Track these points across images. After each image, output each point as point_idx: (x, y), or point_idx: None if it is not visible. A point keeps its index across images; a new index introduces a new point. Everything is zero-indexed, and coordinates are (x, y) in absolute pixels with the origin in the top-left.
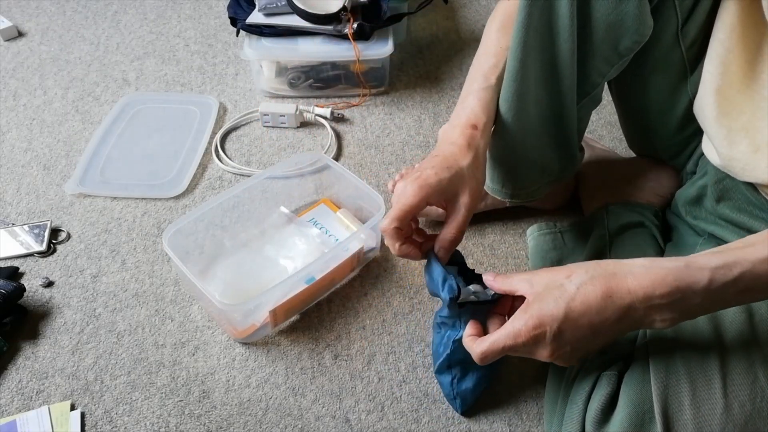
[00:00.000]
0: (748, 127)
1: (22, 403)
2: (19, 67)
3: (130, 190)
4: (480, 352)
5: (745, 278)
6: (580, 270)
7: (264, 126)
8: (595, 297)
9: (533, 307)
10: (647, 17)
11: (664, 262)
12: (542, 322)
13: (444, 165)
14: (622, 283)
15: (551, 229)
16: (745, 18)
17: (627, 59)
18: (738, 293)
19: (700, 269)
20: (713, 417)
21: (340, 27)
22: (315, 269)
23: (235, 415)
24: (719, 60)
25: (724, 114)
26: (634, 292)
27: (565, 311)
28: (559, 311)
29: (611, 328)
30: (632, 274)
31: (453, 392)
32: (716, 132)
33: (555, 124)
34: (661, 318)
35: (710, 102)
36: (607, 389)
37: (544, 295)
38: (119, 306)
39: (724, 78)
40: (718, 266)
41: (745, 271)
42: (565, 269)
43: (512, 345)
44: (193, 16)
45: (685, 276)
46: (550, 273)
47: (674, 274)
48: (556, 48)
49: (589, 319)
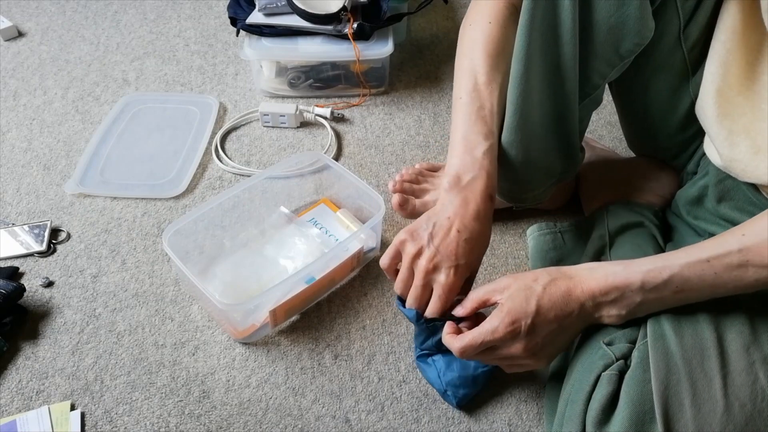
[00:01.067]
0: (749, 129)
1: (22, 403)
2: (19, 67)
3: (130, 190)
4: (460, 346)
5: (675, 280)
6: (543, 274)
7: (264, 126)
8: (559, 295)
9: (507, 306)
10: (649, 19)
11: (607, 265)
12: (517, 318)
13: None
14: (577, 283)
15: (551, 229)
16: (746, 20)
17: (628, 61)
18: (674, 293)
19: (633, 272)
20: (714, 417)
21: (340, 27)
22: (315, 269)
23: (235, 415)
24: (720, 61)
25: (725, 115)
26: (585, 291)
27: (536, 307)
28: (531, 307)
29: (573, 323)
30: (582, 275)
31: (442, 386)
32: (717, 133)
33: (558, 125)
34: (607, 314)
35: (711, 103)
36: (608, 389)
37: (515, 296)
38: (119, 306)
39: (724, 79)
40: (650, 269)
41: (674, 274)
42: (530, 274)
43: (491, 340)
44: (193, 16)
45: (621, 278)
46: (516, 277)
47: (612, 275)
48: (558, 50)
49: (556, 313)
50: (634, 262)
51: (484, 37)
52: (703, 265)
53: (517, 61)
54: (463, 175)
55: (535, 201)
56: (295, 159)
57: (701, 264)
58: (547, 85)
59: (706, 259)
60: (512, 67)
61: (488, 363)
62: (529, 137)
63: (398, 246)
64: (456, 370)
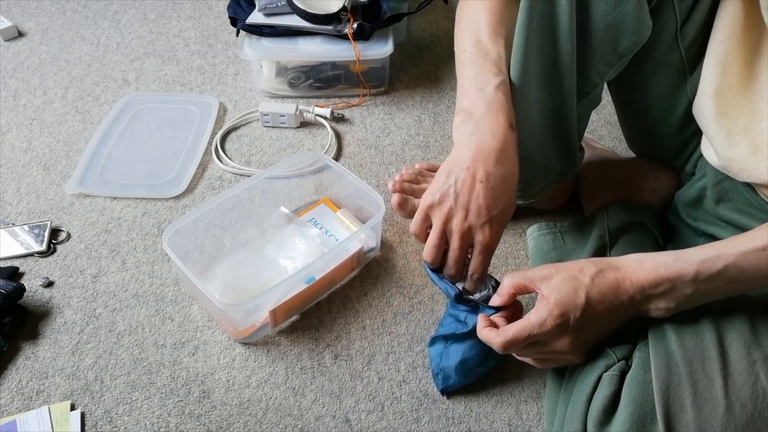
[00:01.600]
0: (747, 128)
1: (22, 403)
2: (19, 67)
3: (130, 190)
4: (503, 341)
5: (730, 270)
6: (589, 264)
7: (264, 126)
8: (608, 287)
9: (555, 298)
10: (646, 17)
11: (657, 256)
12: (566, 310)
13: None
14: (626, 275)
15: (551, 229)
16: (744, 19)
17: (626, 60)
18: (727, 284)
19: (687, 262)
20: (715, 417)
21: (340, 27)
22: (315, 269)
23: (235, 415)
24: (718, 60)
25: (723, 115)
26: (635, 283)
27: (585, 299)
28: (581, 300)
29: (620, 315)
30: (631, 267)
31: (438, 367)
32: (715, 133)
33: (556, 124)
34: (655, 307)
35: (709, 103)
36: (609, 390)
37: (562, 287)
38: (119, 306)
39: (723, 79)
40: (704, 259)
41: (729, 264)
42: (574, 264)
43: (538, 333)
44: (193, 16)
45: (674, 269)
46: (559, 268)
47: (663, 267)
48: (556, 49)
49: (605, 306)
50: (685, 253)
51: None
52: (759, 254)
53: (515, 59)
54: (476, 110)
55: (530, 198)
56: (295, 159)
57: (757, 253)
58: (545, 83)
59: (762, 248)
60: (511, 66)
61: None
62: (527, 136)
63: (426, 210)
64: (455, 359)
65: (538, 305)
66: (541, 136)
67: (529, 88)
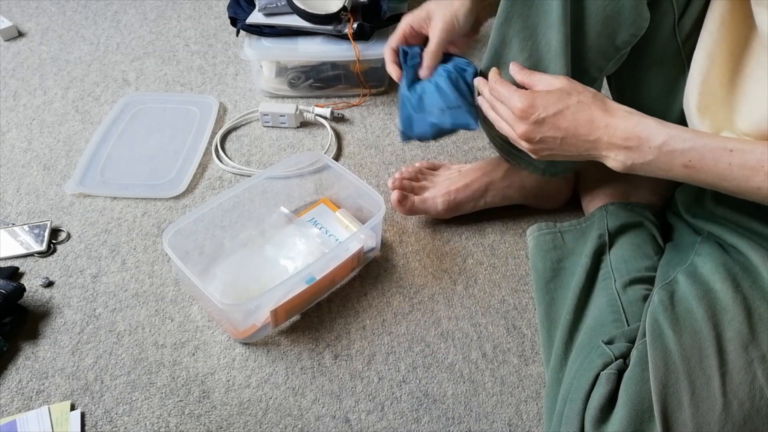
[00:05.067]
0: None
1: (22, 403)
2: (19, 67)
3: (130, 190)
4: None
5: (690, 153)
6: (588, 93)
7: (264, 126)
8: (583, 117)
9: (539, 94)
10: (644, 9)
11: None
12: (535, 107)
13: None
14: (606, 117)
15: (551, 229)
16: (734, 11)
17: (625, 53)
18: (684, 166)
19: (662, 131)
20: (712, 415)
21: (340, 27)
22: (315, 269)
23: (235, 415)
24: (707, 51)
25: (707, 106)
26: (609, 126)
27: (557, 111)
28: (553, 109)
29: (576, 145)
30: (617, 114)
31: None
32: (700, 124)
33: None
34: (614, 157)
35: (695, 94)
36: (606, 388)
37: (552, 92)
38: (119, 306)
39: (709, 71)
40: (676, 135)
41: (694, 146)
42: (581, 86)
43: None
44: (193, 16)
45: (648, 130)
46: (570, 82)
47: (641, 125)
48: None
49: (567, 126)
50: (668, 124)
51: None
52: (723, 152)
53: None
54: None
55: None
56: (295, 159)
57: (723, 151)
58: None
59: (729, 149)
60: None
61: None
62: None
63: None
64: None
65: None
66: None
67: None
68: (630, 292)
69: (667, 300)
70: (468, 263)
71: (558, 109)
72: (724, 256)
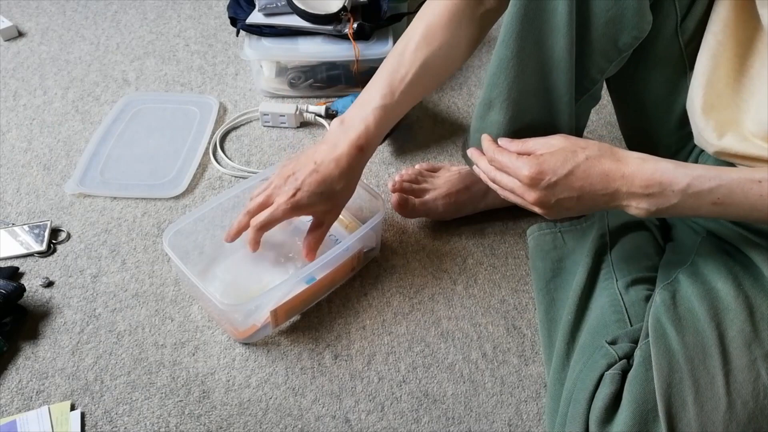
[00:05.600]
0: (736, 121)
1: (22, 403)
2: (19, 67)
3: (130, 190)
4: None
5: (719, 191)
6: (594, 146)
7: (264, 126)
8: (596, 173)
9: (543, 159)
10: (647, 12)
11: (660, 161)
12: (544, 171)
13: (319, 189)
14: (621, 169)
15: (551, 229)
16: (739, 12)
17: (626, 55)
18: (713, 204)
19: (683, 174)
20: (716, 415)
21: (340, 27)
22: (315, 269)
23: (235, 415)
24: (711, 53)
25: (712, 107)
26: (626, 177)
27: (567, 172)
28: (563, 170)
29: (594, 201)
30: (631, 164)
31: None
32: (705, 125)
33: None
34: (636, 205)
35: (700, 95)
36: (611, 388)
37: (556, 154)
38: (119, 306)
39: (715, 71)
40: (700, 175)
41: (722, 184)
42: (582, 141)
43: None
44: (193, 16)
45: (669, 176)
46: (568, 139)
47: (661, 172)
48: (552, 42)
49: (582, 185)
50: (686, 165)
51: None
52: (753, 184)
53: (505, 46)
54: (347, 121)
55: None
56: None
57: (752, 183)
58: (541, 76)
59: (758, 180)
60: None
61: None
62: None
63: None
64: None
65: (530, 158)
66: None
67: (524, 78)
68: (632, 291)
69: (669, 300)
70: (468, 263)
71: (568, 169)
72: (724, 256)
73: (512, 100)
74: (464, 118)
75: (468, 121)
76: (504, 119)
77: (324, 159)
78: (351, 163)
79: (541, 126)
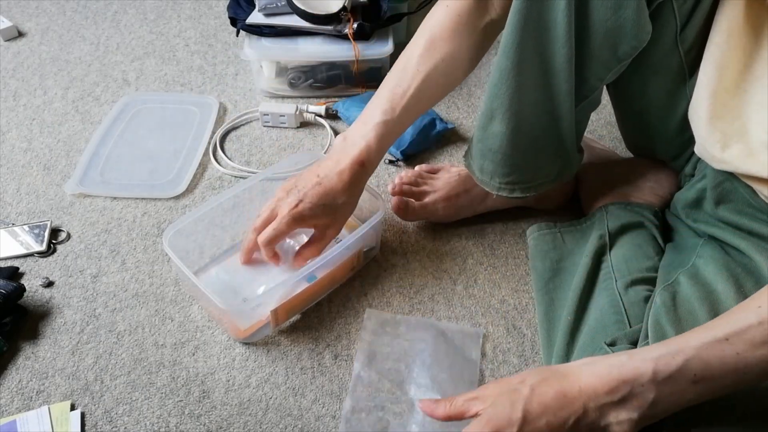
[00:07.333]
0: (742, 131)
1: (22, 403)
2: (19, 67)
3: (130, 190)
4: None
5: (692, 366)
6: (532, 374)
7: (264, 126)
8: (550, 397)
9: (489, 414)
10: (646, 22)
11: (609, 357)
12: (500, 427)
13: (321, 201)
14: (573, 382)
15: (551, 229)
16: (742, 23)
17: (625, 63)
18: (694, 384)
19: (642, 360)
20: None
21: (340, 27)
22: (316, 269)
23: (235, 415)
24: (715, 64)
25: (718, 117)
26: (584, 390)
27: (523, 413)
28: (517, 414)
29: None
30: (579, 372)
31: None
32: (709, 135)
33: (552, 126)
34: (616, 420)
35: (705, 105)
36: None
37: (498, 401)
38: (119, 306)
39: (719, 82)
40: (661, 355)
41: (689, 357)
42: (516, 376)
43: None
44: (193, 16)
45: (628, 369)
46: (500, 382)
47: (617, 367)
48: (552, 51)
49: (548, 419)
50: (640, 350)
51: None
52: (722, 345)
53: (505, 57)
54: (349, 138)
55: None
56: (295, 159)
57: (719, 344)
58: (541, 85)
59: (724, 338)
60: (498, 63)
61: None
62: (522, 135)
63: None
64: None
65: (473, 422)
66: (537, 137)
67: (524, 89)
68: (632, 292)
69: (669, 301)
70: (468, 263)
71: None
72: (726, 258)
73: (513, 110)
74: (464, 118)
75: (468, 121)
76: (506, 130)
77: (327, 173)
78: (353, 178)
79: (543, 134)
